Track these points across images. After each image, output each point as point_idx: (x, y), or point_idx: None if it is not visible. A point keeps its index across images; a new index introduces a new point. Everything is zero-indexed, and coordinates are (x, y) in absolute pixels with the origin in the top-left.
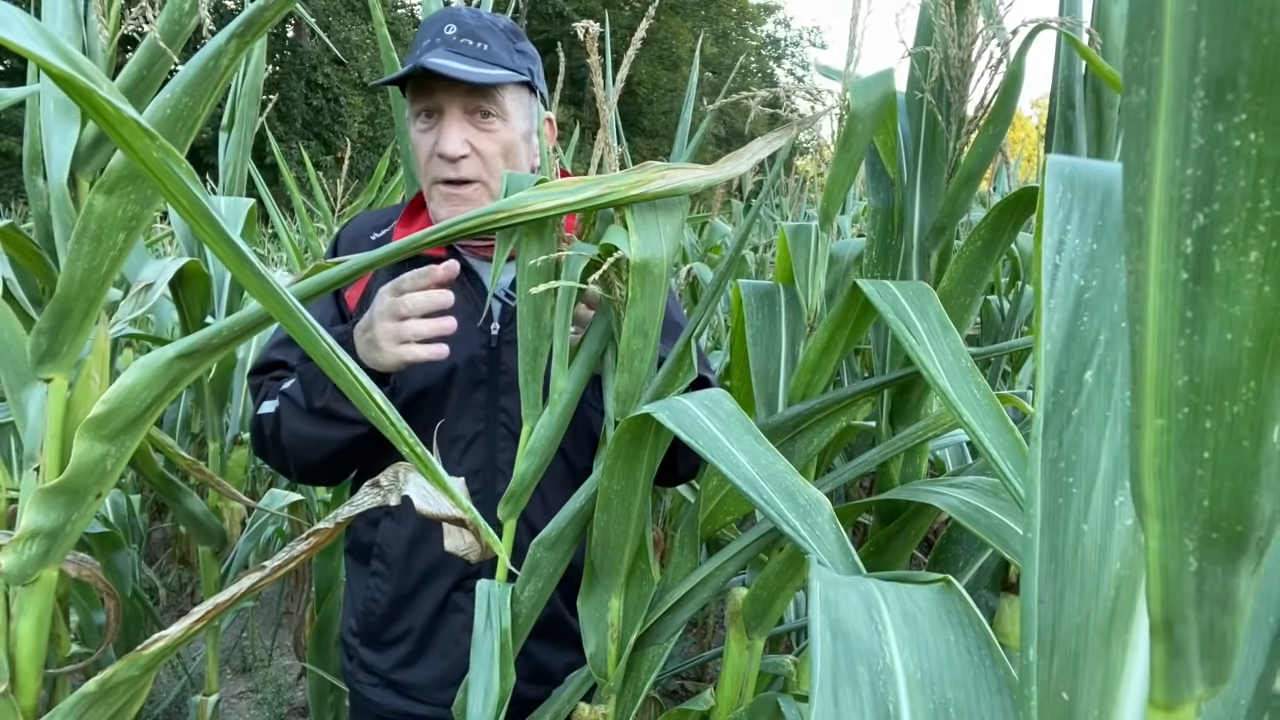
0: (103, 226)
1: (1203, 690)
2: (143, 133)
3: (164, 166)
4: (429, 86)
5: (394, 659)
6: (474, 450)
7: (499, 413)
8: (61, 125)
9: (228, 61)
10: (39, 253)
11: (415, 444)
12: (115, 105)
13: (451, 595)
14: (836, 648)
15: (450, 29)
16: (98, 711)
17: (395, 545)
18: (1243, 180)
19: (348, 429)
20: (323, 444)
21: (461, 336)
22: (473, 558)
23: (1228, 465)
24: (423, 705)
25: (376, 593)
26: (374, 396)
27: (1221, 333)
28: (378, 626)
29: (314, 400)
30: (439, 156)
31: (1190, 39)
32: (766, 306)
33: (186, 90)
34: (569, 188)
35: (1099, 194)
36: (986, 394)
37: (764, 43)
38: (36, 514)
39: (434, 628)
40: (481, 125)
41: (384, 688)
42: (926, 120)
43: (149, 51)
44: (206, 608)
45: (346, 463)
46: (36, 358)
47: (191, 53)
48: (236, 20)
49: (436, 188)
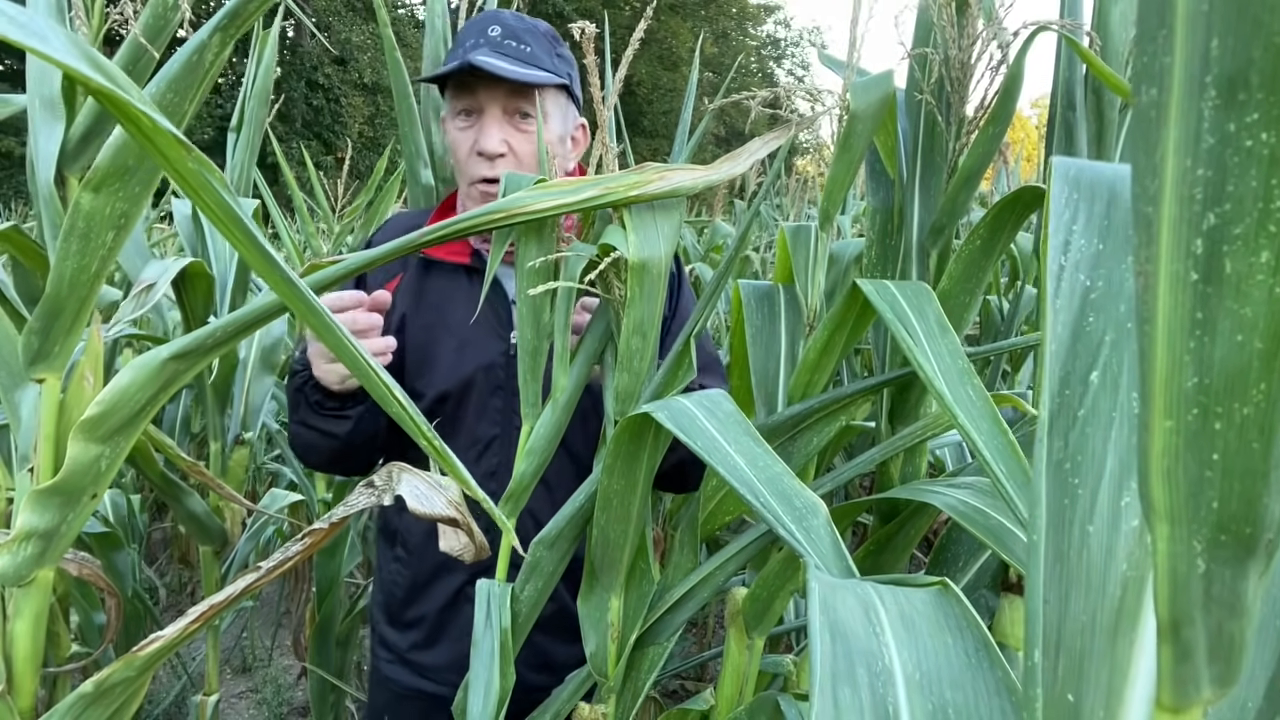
0: (91, 225)
1: (1210, 693)
2: (176, 143)
3: (198, 176)
4: (471, 85)
5: (411, 640)
6: (491, 453)
7: (515, 416)
8: (48, 123)
9: (212, 56)
10: (43, 254)
11: (433, 436)
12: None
13: (465, 588)
14: (836, 649)
15: (494, 30)
16: (95, 712)
17: (415, 534)
18: (1254, 180)
19: (326, 439)
20: (313, 449)
21: (481, 344)
22: (467, 558)
23: (1237, 467)
24: (435, 684)
25: (398, 576)
26: (394, 392)
27: (1232, 334)
28: (397, 608)
29: (294, 413)
30: (478, 154)
31: (1202, 38)
32: (766, 306)
33: (171, 86)
34: (568, 188)
35: (1104, 195)
36: (982, 396)
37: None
38: (31, 515)
39: (447, 617)
40: (520, 126)
41: (400, 665)
42: (926, 121)
43: (132, 48)
44: (203, 608)
45: (352, 460)
46: (28, 358)
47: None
48: (220, 13)
49: (475, 187)
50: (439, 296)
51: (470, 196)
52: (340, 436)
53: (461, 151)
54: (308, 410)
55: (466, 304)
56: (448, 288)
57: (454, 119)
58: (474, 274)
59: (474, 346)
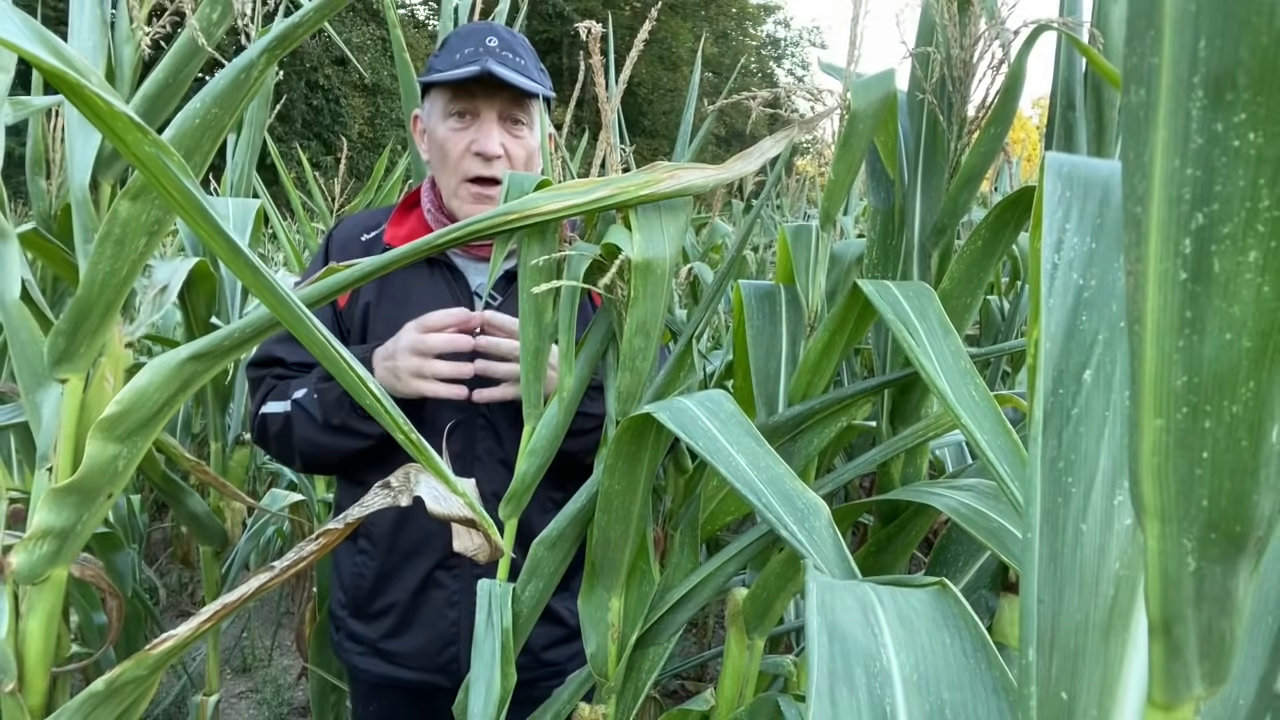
0: (126, 231)
1: (1202, 690)
2: (134, 127)
3: (156, 160)
4: (472, 91)
5: (381, 629)
6: (452, 440)
7: (476, 405)
8: (84, 130)
9: (258, 74)
10: (66, 256)
11: (425, 449)
12: (106, 100)
13: (434, 573)
14: (833, 650)
15: (492, 41)
16: (105, 711)
17: (380, 524)
18: (1242, 180)
19: (364, 441)
20: (337, 452)
21: None
22: (481, 558)
23: (1226, 465)
24: (410, 671)
25: (363, 568)
26: (385, 404)
27: (1220, 333)
28: (365, 600)
29: (332, 419)
30: (476, 154)
31: (1189, 38)
32: (767, 307)
33: (217, 101)
34: (579, 189)
35: (1098, 193)
36: (985, 396)
37: (764, 43)
38: (48, 513)
39: (418, 603)
40: (513, 131)
41: (372, 656)
42: (928, 121)
43: (175, 59)
44: (215, 608)
45: (358, 463)
46: (54, 358)
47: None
48: (270, 35)
49: (466, 186)
50: (401, 288)
51: (459, 195)
52: (376, 436)
53: (455, 150)
54: (350, 414)
55: (428, 295)
56: (410, 280)
57: (446, 120)
58: (435, 265)
59: None
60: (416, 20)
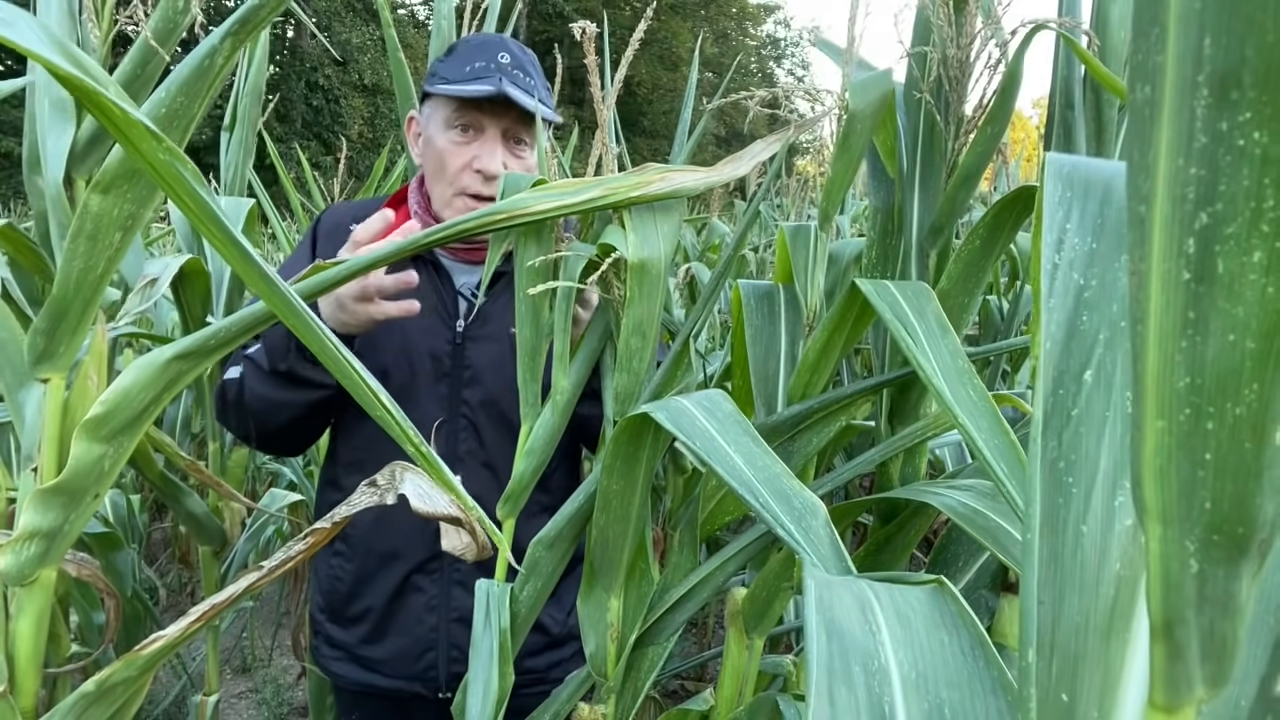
0: (99, 226)
1: (1203, 692)
2: (149, 134)
3: (170, 168)
4: (479, 106)
5: (359, 635)
6: (435, 439)
7: (461, 404)
8: (57, 124)
9: (223, 60)
10: (38, 252)
11: (420, 442)
12: (122, 108)
13: (411, 577)
14: (832, 648)
15: (504, 58)
16: (96, 711)
17: (357, 527)
18: (1246, 180)
19: (310, 392)
20: (284, 407)
21: (428, 331)
22: (469, 557)
23: (1229, 467)
24: (386, 679)
25: (340, 571)
26: (380, 397)
27: (1224, 334)
28: (341, 604)
29: (278, 363)
30: (477, 171)
31: (1194, 37)
32: (766, 306)
33: (181, 89)
34: (569, 189)
35: (1099, 192)
36: (983, 396)
37: (764, 43)
38: (34, 514)
39: (395, 608)
40: (515, 150)
41: (349, 662)
42: (925, 120)
43: (143, 50)
44: (204, 608)
45: (307, 429)
46: (34, 358)
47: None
48: (231, 19)
49: (461, 198)
50: None
51: (451, 205)
52: (331, 385)
53: (454, 164)
54: (297, 359)
55: (413, 293)
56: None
57: (448, 130)
58: (421, 263)
59: (420, 334)
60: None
